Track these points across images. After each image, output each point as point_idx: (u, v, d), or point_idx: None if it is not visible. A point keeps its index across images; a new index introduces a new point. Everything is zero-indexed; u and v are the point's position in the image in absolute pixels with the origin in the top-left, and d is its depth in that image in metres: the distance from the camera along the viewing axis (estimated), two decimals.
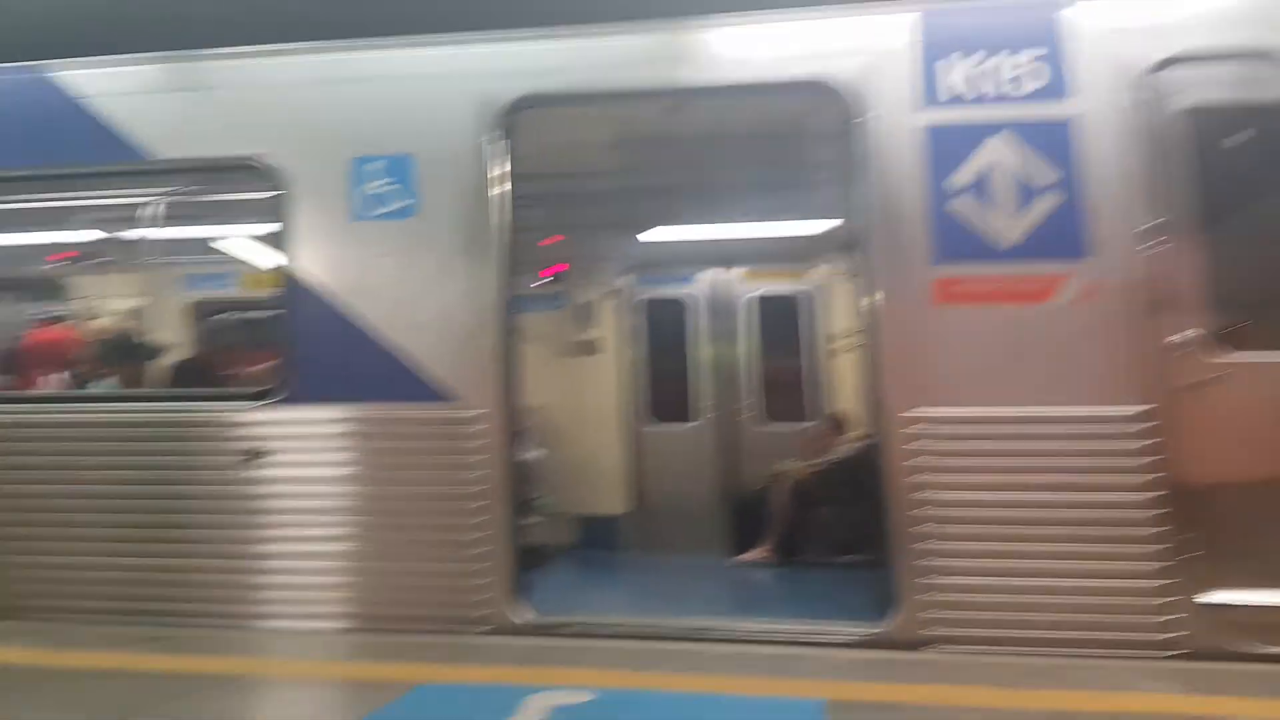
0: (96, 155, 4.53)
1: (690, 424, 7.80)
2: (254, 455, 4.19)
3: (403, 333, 4.19)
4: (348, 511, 4.15)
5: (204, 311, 8.06)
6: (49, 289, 8.41)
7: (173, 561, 4.27)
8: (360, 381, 4.19)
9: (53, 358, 5.71)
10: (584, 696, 2.93)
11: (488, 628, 3.97)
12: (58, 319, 7.77)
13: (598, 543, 7.19)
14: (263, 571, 4.21)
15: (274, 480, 4.21)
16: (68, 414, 4.47)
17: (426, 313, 4.20)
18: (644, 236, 7.35)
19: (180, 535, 4.27)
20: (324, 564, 4.16)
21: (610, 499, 7.34)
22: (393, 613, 4.06)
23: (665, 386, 7.81)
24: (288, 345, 4.28)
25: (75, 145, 4.55)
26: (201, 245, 7.29)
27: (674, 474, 7.60)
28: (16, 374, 5.69)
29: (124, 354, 5.07)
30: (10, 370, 5.79)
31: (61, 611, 4.29)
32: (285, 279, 4.31)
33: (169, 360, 5.54)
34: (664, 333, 7.88)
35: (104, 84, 4.55)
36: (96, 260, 7.97)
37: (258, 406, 4.26)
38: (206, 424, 4.32)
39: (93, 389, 5.19)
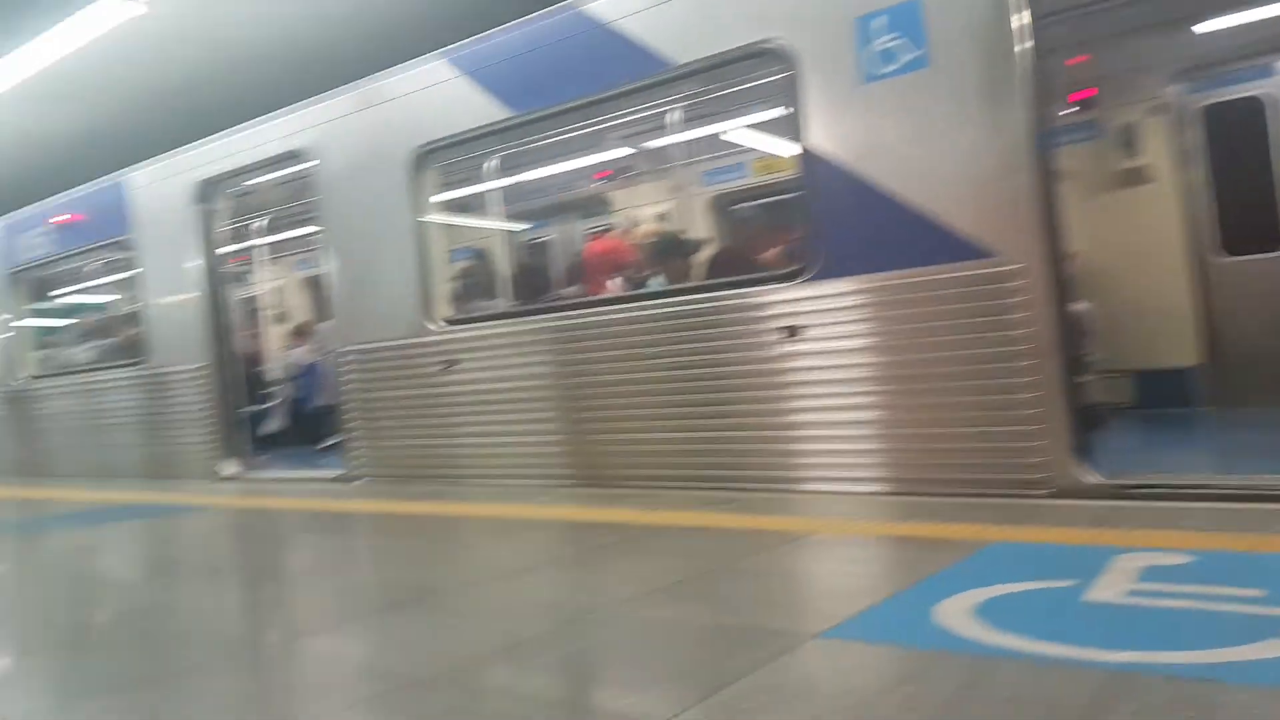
0: (627, 74, 4.93)
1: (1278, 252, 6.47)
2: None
3: (927, 193, 4.00)
4: (885, 379, 4.15)
5: (726, 203, 8.56)
6: (597, 206, 9.51)
7: (726, 434, 4.65)
8: (889, 249, 4.11)
9: (608, 265, 6.41)
10: (1180, 559, 2.62)
11: (1048, 490, 3.74)
12: (607, 231, 8.78)
13: (1162, 399, 6.43)
14: (805, 439, 4.40)
15: (810, 354, 4.34)
16: (630, 312, 5.04)
17: (951, 167, 3.96)
18: (1202, 28, 6.17)
19: (731, 409, 4.62)
20: (863, 430, 4.22)
21: (1175, 349, 6.48)
22: (938, 476, 4.00)
23: (1240, 210, 6.51)
24: (811, 223, 4.33)
25: (610, 69, 4.98)
26: (717, 142, 7.70)
27: (1259, 314, 6.39)
28: (582, 282, 6.48)
29: (667, 253, 5.54)
30: (576, 280, 6.61)
31: (647, 479, 4.92)
32: (802, 157, 4.34)
33: (705, 253, 5.94)
34: (1233, 144, 6.54)
35: (625, 6, 4.90)
36: (631, 173, 8.82)
37: (790, 286, 4.41)
38: (745, 307, 4.57)
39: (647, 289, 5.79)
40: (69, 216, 8.44)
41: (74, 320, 10.99)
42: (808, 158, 4.31)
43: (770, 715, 1.80)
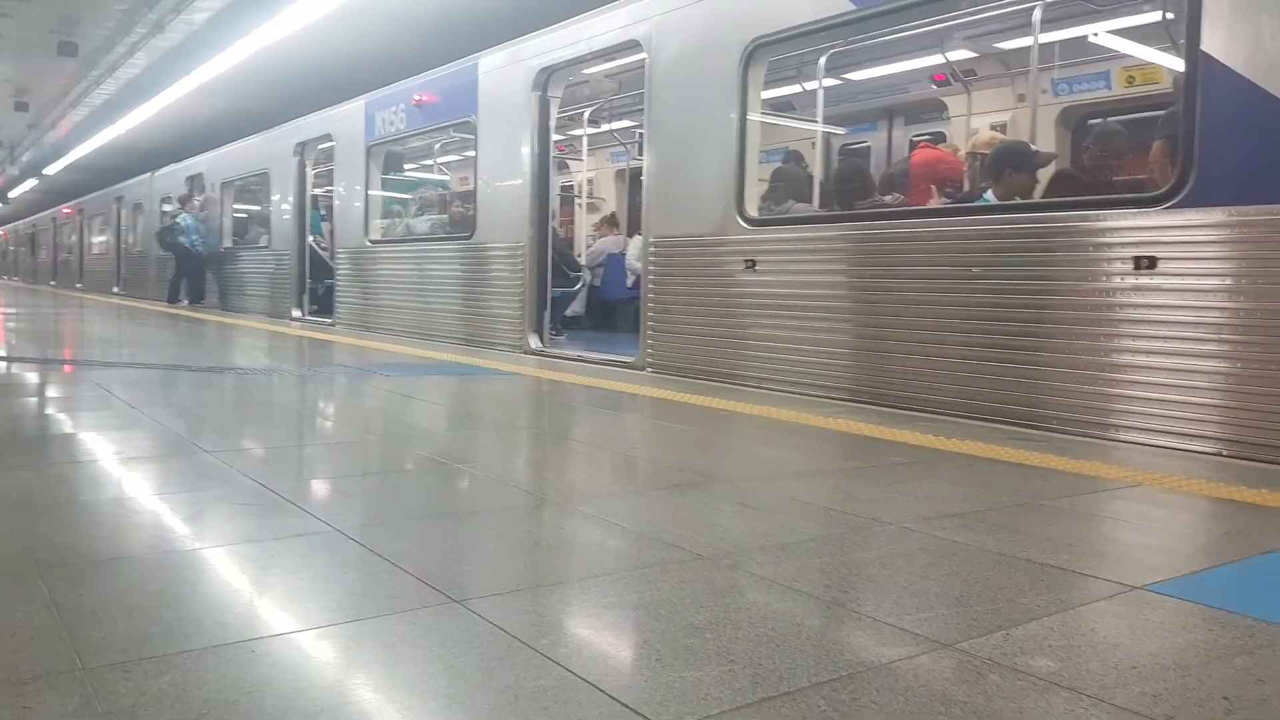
0: None
1: None
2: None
3: None
4: (1249, 328, 3.59)
5: (1076, 116, 7.74)
6: (928, 111, 8.93)
7: (1042, 368, 4.24)
8: None
9: (934, 175, 5.99)
10: None
11: None
12: (937, 139, 8.24)
13: None
14: (1136, 385, 3.93)
15: (1163, 290, 3.83)
16: (951, 227, 4.68)
17: None
18: None
19: (1052, 343, 4.21)
20: (1211, 383, 3.69)
21: None
22: None
23: None
24: (1188, 141, 3.76)
25: None
26: (1078, 46, 6.93)
27: None
28: (902, 191, 6.10)
29: (1005, 165, 5.07)
30: (895, 188, 6.24)
31: (942, 406, 4.62)
32: (1194, 65, 3.76)
33: (1049, 169, 5.39)
34: None
35: None
36: (972, 78, 8.18)
37: (1151, 211, 3.88)
38: (1091, 231, 4.10)
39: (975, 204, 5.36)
40: (424, 96, 9.10)
41: (415, 193, 12.00)
42: (1202, 64, 3.71)
43: (1077, 658, 1.60)
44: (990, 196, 5.13)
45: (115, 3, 11.55)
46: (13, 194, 32.67)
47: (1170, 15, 3.79)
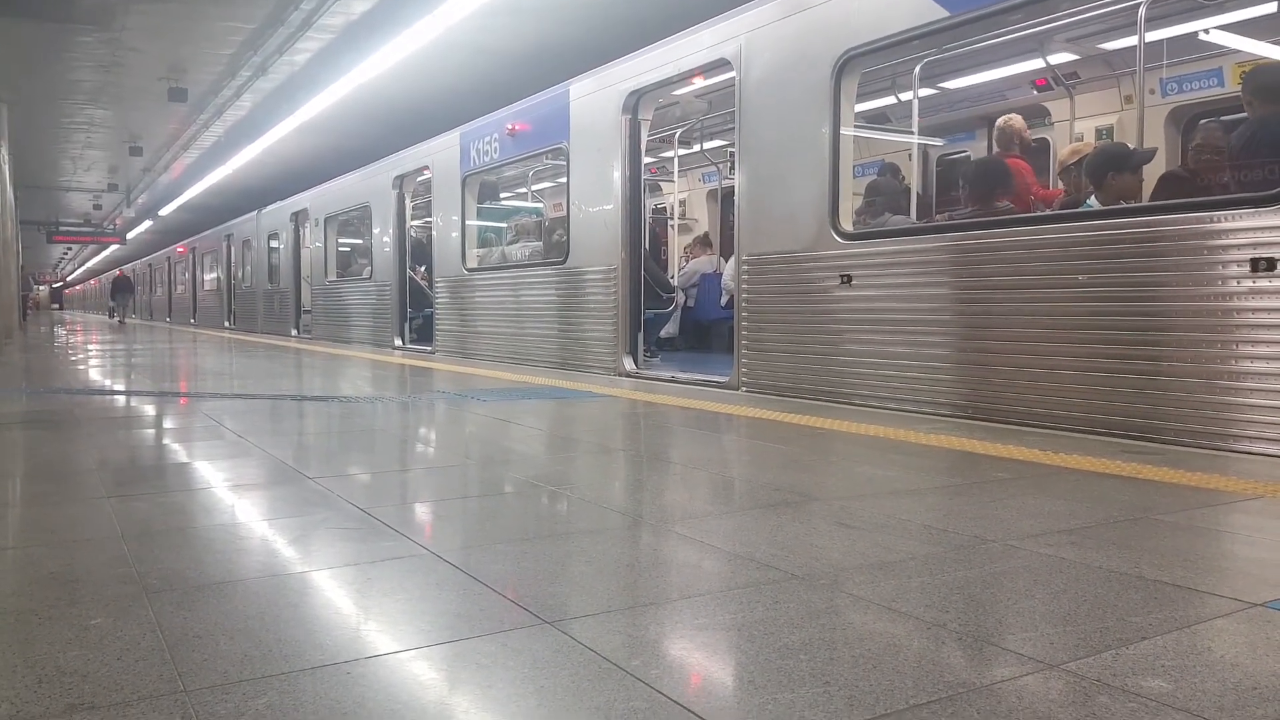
0: None
1: None
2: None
3: None
4: None
5: (1187, 116, 7.42)
6: (1030, 117, 8.67)
7: (1153, 378, 4.06)
8: None
9: (1034, 182, 5.81)
10: None
11: None
12: (1041, 146, 7.99)
13: None
14: (1256, 393, 3.73)
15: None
16: (1052, 234, 4.53)
17: None
18: None
19: (1164, 350, 4.02)
20: None
21: None
22: None
23: None
24: None
25: None
26: (1188, 43, 6.65)
27: None
28: (1003, 199, 5.93)
29: (1107, 168, 4.88)
30: (994, 197, 6.05)
31: (1047, 420, 4.45)
32: None
33: (1155, 171, 5.18)
34: None
35: None
36: (1069, 81, 7.93)
37: (1270, 210, 3.69)
38: (1203, 234, 3.91)
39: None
40: (516, 125, 9.28)
41: (509, 221, 12.22)
42: None
43: (1191, 678, 1.51)
44: (1094, 203, 4.95)
45: (222, 48, 12.14)
46: (130, 235, 34.51)
47: None
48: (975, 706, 1.42)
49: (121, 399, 6.67)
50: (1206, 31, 6.44)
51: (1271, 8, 5.47)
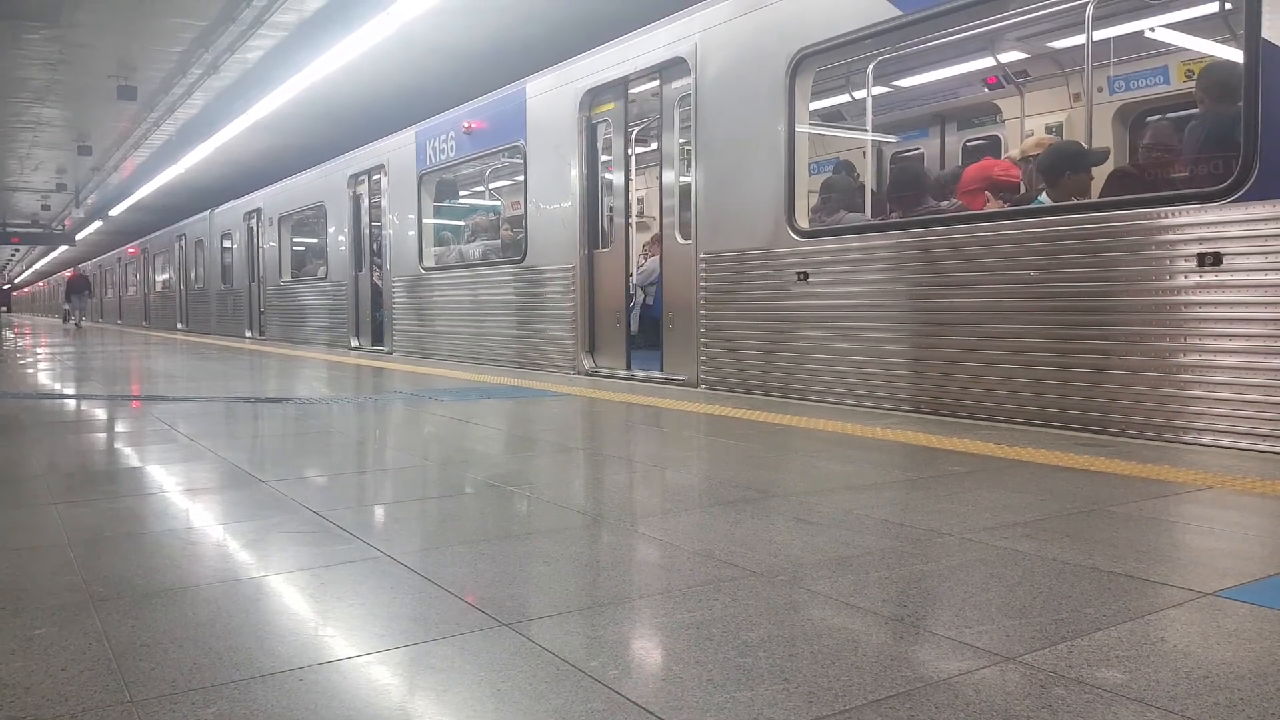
0: None
1: None
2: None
3: None
4: None
5: (1132, 114, 7.55)
6: (980, 115, 8.77)
7: (1105, 371, 4.13)
8: None
9: (987, 181, 5.88)
10: None
11: None
12: (991, 143, 8.09)
13: None
14: (1202, 385, 3.80)
15: (1231, 286, 3.70)
16: (1005, 231, 4.58)
17: None
18: None
19: (1115, 344, 4.10)
20: None
21: None
22: None
23: None
24: (1253, 132, 3.64)
25: None
26: (1134, 41, 6.77)
27: None
28: (955, 198, 5.99)
29: (1058, 166, 4.94)
30: (948, 195, 6.12)
31: (1001, 413, 4.51)
32: (1252, 56, 3.64)
33: (1104, 168, 5.26)
34: None
35: None
36: (1024, 79, 8.03)
37: (1215, 206, 3.76)
38: (1150, 229, 3.98)
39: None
40: (473, 123, 9.20)
41: (466, 219, 12.13)
42: (1264, 52, 3.60)
43: (1145, 668, 1.53)
44: (1045, 199, 5.01)
45: (172, 45, 11.92)
46: (80, 235, 33.82)
47: (1229, 5, 3.67)
48: (934, 700, 1.43)
49: (71, 403, 6.52)
50: (1152, 30, 6.56)
51: (1213, 8, 5.58)
